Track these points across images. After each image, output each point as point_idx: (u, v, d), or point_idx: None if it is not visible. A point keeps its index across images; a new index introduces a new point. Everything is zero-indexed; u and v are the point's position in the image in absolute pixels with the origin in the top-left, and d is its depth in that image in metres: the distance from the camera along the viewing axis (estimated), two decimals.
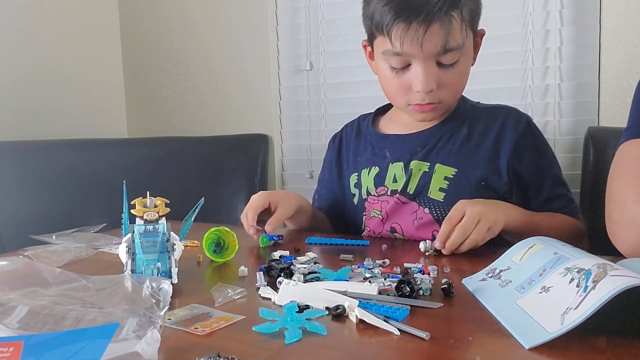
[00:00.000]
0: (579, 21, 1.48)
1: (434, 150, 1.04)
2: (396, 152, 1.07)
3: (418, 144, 1.05)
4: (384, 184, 1.06)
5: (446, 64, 0.96)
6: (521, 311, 0.57)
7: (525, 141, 1.03)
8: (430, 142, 1.05)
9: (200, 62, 2.01)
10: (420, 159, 1.04)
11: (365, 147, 1.14)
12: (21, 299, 0.54)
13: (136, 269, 0.71)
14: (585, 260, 0.58)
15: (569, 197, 1.05)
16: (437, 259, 0.84)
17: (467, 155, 1.03)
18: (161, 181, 1.70)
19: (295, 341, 0.53)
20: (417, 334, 0.53)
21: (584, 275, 0.55)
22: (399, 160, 1.05)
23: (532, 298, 0.59)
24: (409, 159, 1.04)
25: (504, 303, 0.61)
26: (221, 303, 0.65)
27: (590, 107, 1.48)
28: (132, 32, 2.14)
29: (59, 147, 1.79)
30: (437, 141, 1.05)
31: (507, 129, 1.04)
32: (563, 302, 0.54)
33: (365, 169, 1.10)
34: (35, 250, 0.93)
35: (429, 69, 0.95)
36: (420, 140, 1.06)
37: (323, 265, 0.79)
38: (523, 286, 0.62)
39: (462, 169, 1.02)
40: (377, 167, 1.08)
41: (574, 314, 0.50)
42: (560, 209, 1.03)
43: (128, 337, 0.48)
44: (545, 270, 0.62)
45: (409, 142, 1.07)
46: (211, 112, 2.02)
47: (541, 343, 0.50)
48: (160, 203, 0.74)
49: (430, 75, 0.95)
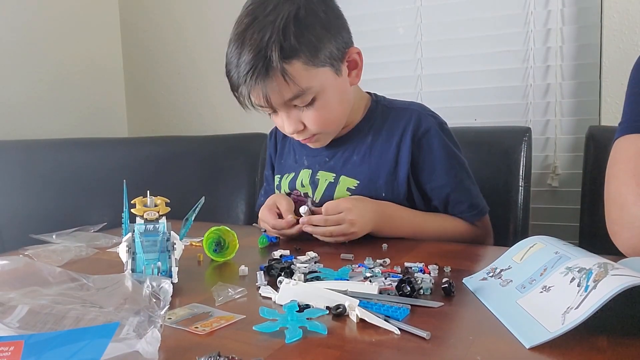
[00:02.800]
0: (580, 20, 1.48)
1: (340, 160, 1.08)
2: (310, 160, 1.12)
3: (327, 154, 1.09)
4: (296, 187, 1.11)
5: (301, 105, 0.97)
6: (522, 310, 0.57)
7: (422, 151, 1.04)
8: (337, 153, 1.09)
9: (200, 61, 2.01)
10: (326, 170, 1.08)
11: (289, 151, 1.19)
12: (21, 298, 0.54)
13: (136, 268, 0.71)
14: (586, 260, 0.58)
15: (470, 203, 1.06)
16: (437, 260, 0.84)
17: (369, 167, 1.05)
18: (161, 180, 1.70)
19: (295, 340, 0.53)
20: (418, 334, 0.53)
21: (585, 274, 0.54)
22: (309, 167, 1.11)
23: (533, 297, 0.59)
24: (317, 168, 1.09)
25: (504, 302, 0.60)
26: (221, 302, 0.65)
27: (591, 107, 1.48)
28: (132, 31, 2.14)
29: (59, 146, 1.79)
30: (343, 152, 1.08)
31: (406, 137, 1.04)
32: (564, 302, 0.53)
33: (286, 174, 1.15)
34: (36, 250, 0.93)
35: (289, 113, 0.99)
36: (329, 151, 1.09)
37: (323, 265, 0.79)
38: (524, 285, 0.62)
39: (363, 180, 1.04)
40: (292, 173, 1.13)
41: (574, 314, 0.50)
42: (457, 214, 1.06)
43: (128, 336, 0.48)
44: (546, 269, 0.61)
45: (320, 152, 1.10)
46: (211, 111, 2.01)
47: (542, 343, 0.50)
48: (161, 202, 0.74)
49: (291, 119, 0.99)
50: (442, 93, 1.64)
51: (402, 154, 1.04)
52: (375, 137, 1.06)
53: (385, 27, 1.72)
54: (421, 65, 1.66)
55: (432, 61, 1.66)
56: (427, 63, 1.66)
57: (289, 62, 0.91)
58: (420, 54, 1.68)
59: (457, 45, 1.62)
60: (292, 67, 0.92)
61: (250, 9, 0.95)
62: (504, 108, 1.58)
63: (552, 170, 1.53)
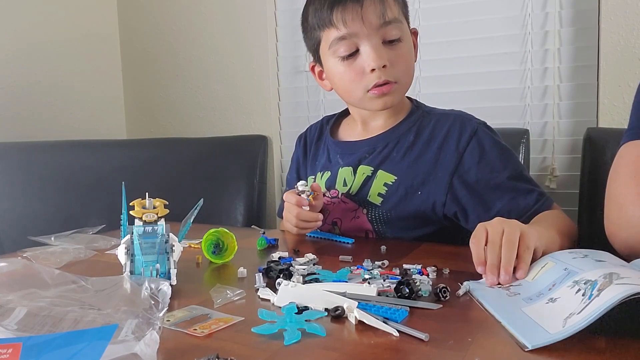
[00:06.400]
0: (577, 22, 1.48)
1: (379, 156, 1.07)
2: (347, 158, 1.11)
3: (366, 150, 1.09)
4: (335, 187, 1.10)
5: (390, 39, 1.00)
6: (525, 316, 0.57)
7: (474, 153, 1.00)
8: (377, 149, 1.08)
9: (199, 64, 2.01)
10: (366, 164, 1.08)
11: (322, 152, 1.19)
12: (20, 300, 0.54)
13: (135, 270, 0.70)
14: (594, 272, 0.58)
15: (538, 191, 0.98)
16: (436, 262, 0.84)
17: (408, 164, 1.04)
18: (160, 182, 1.70)
19: (294, 342, 0.53)
20: (417, 335, 0.53)
21: (590, 285, 0.55)
22: (349, 165, 1.10)
23: (539, 307, 0.59)
24: (357, 163, 1.09)
25: (508, 307, 0.60)
26: (220, 304, 0.65)
27: (589, 108, 1.48)
28: (131, 34, 2.14)
29: (58, 148, 1.79)
30: (383, 148, 1.07)
31: (450, 141, 1.02)
32: (567, 309, 0.54)
33: (319, 173, 1.15)
34: (34, 252, 0.93)
35: (377, 45, 0.99)
36: (369, 147, 1.09)
37: (322, 267, 0.79)
38: (531, 298, 0.62)
39: (401, 177, 1.04)
40: (329, 172, 1.13)
41: (575, 318, 0.51)
42: (532, 204, 0.96)
43: (127, 338, 0.48)
44: (555, 285, 0.62)
45: (358, 148, 1.10)
46: (210, 114, 2.02)
47: (542, 345, 0.50)
48: (159, 204, 0.73)
49: (380, 50, 0.99)
50: (441, 95, 1.64)
51: (443, 158, 1.01)
52: (418, 137, 1.06)
53: None
54: (419, 67, 1.66)
55: (430, 63, 1.66)
56: (426, 65, 1.66)
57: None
58: (419, 56, 1.67)
59: (455, 47, 1.63)
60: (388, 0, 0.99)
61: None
62: (502, 110, 1.58)
63: (550, 172, 1.54)
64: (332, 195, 1.11)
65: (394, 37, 1.00)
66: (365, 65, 1.00)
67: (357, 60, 1.01)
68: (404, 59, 1.02)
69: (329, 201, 1.10)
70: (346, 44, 1.00)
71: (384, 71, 1.00)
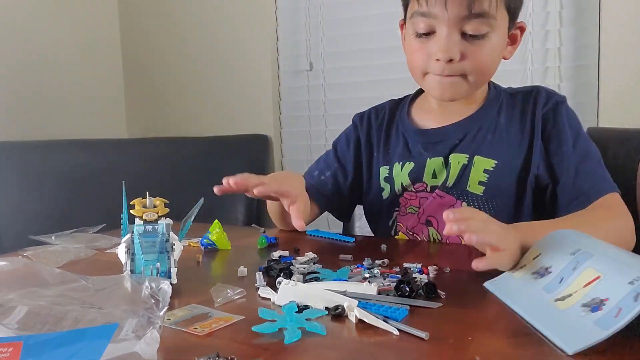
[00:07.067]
0: (578, 22, 1.48)
1: (473, 141, 0.98)
2: (434, 147, 1.01)
3: (456, 137, 1.00)
4: (423, 180, 1.01)
5: (472, 33, 0.89)
6: (557, 311, 0.56)
7: (549, 123, 0.96)
8: (468, 133, 0.99)
9: (200, 63, 2.01)
10: (458, 152, 0.98)
11: (397, 140, 1.07)
12: (20, 299, 0.54)
13: (135, 269, 0.71)
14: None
15: (602, 175, 0.93)
16: (436, 260, 0.84)
17: (506, 145, 0.97)
18: (160, 181, 1.69)
19: (294, 341, 0.53)
20: (417, 334, 0.53)
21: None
22: (438, 155, 1.00)
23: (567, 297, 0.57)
24: (448, 152, 0.99)
25: (538, 306, 0.58)
26: (220, 303, 0.65)
27: (589, 108, 1.48)
28: (132, 32, 2.14)
29: (58, 147, 1.79)
30: (476, 132, 0.99)
31: (537, 113, 0.97)
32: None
33: (397, 164, 1.04)
34: (35, 251, 0.93)
35: (452, 36, 0.90)
36: (458, 132, 1.00)
37: (322, 265, 0.79)
38: (553, 285, 0.61)
39: (502, 160, 0.96)
40: (412, 163, 1.02)
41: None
42: (590, 187, 0.91)
43: (127, 337, 0.48)
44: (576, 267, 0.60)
45: (445, 135, 1.01)
46: (211, 113, 2.02)
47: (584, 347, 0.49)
48: (160, 203, 0.74)
49: (452, 42, 0.90)
50: None
51: (536, 131, 0.96)
52: (509, 116, 0.99)
53: (384, 29, 1.72)
54: None
55: None
56: None
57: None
58: None
59: None
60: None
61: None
62: None
63: None
64: (417, 189, 1.01)
65: (476, 32, 0.89)
66: (433, 50, 0.92)
67: (430, 41, 0.92)
68: (481, 57, 0.92)
69: (415, 196, 1.00)
70: (424, 22, 0.91)
71: (449, 66, 0.91)
